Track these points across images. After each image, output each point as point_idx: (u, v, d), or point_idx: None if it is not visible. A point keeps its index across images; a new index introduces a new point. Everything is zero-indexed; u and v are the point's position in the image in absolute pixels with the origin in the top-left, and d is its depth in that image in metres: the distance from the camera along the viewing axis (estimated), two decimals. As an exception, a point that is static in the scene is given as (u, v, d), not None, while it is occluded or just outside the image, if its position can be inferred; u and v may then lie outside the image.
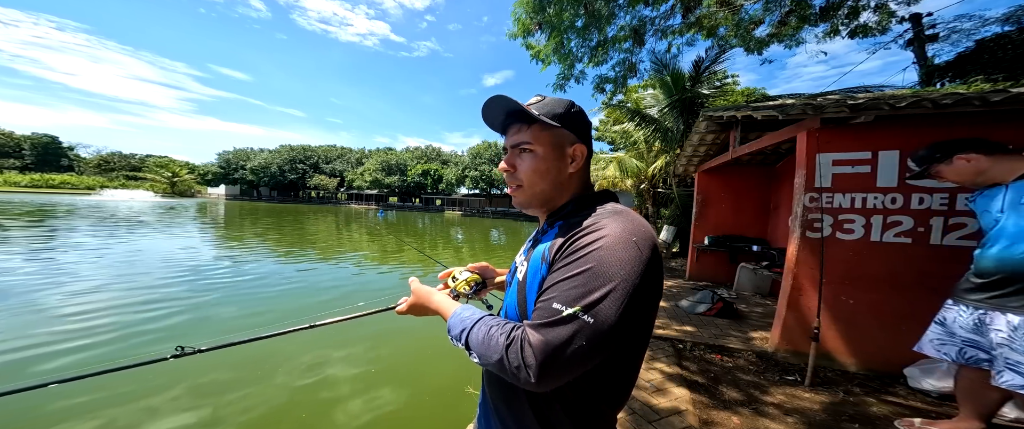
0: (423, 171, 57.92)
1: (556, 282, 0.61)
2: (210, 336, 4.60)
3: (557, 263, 0.64)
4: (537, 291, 0.67)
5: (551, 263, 0.66)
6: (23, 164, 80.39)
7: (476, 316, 0.70)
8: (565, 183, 0.77)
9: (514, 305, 0.76)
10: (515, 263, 0.87)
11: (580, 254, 0.61)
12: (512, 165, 0.78)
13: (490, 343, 0.62)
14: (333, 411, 3.13)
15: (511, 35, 6.10)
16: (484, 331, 0.64)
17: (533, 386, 0.56)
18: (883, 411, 2.28)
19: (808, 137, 2.92)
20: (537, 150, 0.74)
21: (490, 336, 0.63)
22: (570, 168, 0.76)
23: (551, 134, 0.74)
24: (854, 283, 2.82)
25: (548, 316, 0.58)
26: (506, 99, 0.73)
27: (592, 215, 0.68)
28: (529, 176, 0.76)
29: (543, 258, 0.69)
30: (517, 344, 0.58)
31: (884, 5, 6.05)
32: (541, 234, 0.80)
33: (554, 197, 0.78)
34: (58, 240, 10.92)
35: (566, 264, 0.62)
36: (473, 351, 0.65)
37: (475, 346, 0.65)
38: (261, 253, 10.62)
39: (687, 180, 9.66)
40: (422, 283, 0.96)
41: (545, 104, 0.75)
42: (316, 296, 6.58)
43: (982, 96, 2.38)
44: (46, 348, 3.97)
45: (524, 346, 0.57)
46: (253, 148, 77.63)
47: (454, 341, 0.71)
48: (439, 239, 19.02)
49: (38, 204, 27.57)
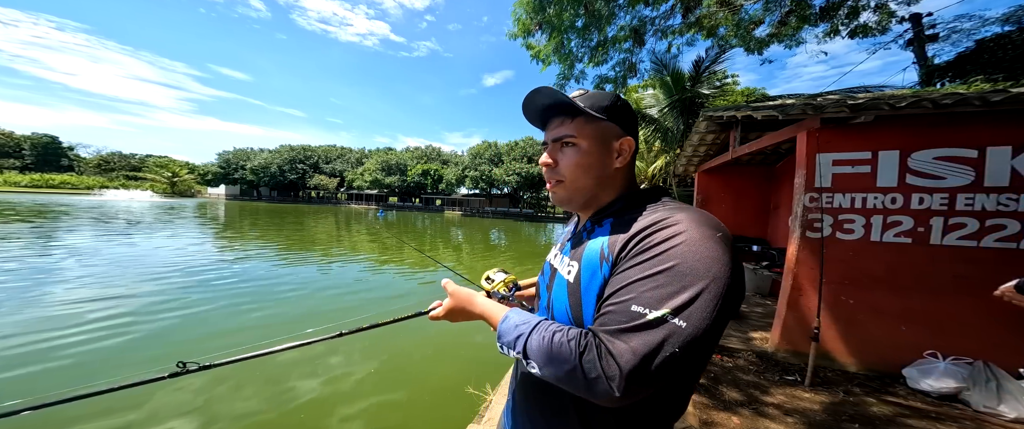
0: (423, 171, 57.92)
1: (631, 282, 0.55)
2: (211, 341, 4.60)
3: (625, 262, 0.58)
4: (598, 293, 0.62)
5: (615, 262, 0.60)
6: (23, 164, 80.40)
7: (532, 321, 0.64)
8: (610, 178, 0.72)
9: (565, 309, 0.69)
10: (551, 265, 0.83)
11: (658, 250, 0.55)
12: (553, 159, 0.74)
13: (558, 351, 0.55)
14: (333, 411, 3.13)
15: (511, 35, 6.10)
16: (548, 338, 0.58)
17: (615, 400, 0.50)
18: (883, 411, 2.28)
19: (808, 137, 2.92)
20: (581, 144, 0.70)
21: (557, 344, 0.56)
22: (616, 163, 0.71)
23: (596, 127, 0.70)
24: (854, 283, 2.82)
25: (628, 320, 0.52)
26: (550, 91, 0.69)
27: (656, 210, 0.63)
28: (572, 171, 0.71)
29: (602, 256, 0.63)
30: (594, 353, 0.52)
31: (884, 5, 6.04)
32: (585, 232, 0.74)
33: (598, 193, 0.73)
34: (67, 241, 10.92)
35: (640, 262, 0.56)
36: (532, 360, 0.59)
37: (536, 355, 0.58)
38: (266, 254, 10.62)
39: (687, 180, 9.66)
40: None
41: (590, 97, 0.71)
42: (324, 301, 6.57)
43: (982, 96, 2.38)
44: (47, 359, 3.97)
45: (603, 355, 0.51)
46: (253, 148, 77.63)
47: (505, 349, 0.64)
48: (439, 239, 19.03)
49: (38, 204, 27.55)
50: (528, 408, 0.75)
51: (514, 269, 1.13)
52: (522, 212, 46.58)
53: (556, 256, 0.83)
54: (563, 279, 0.72)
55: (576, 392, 0.54)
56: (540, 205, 49.85)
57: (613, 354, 0.50)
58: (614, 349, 0.51)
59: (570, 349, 0.54)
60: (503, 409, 0.96)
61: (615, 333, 0.52)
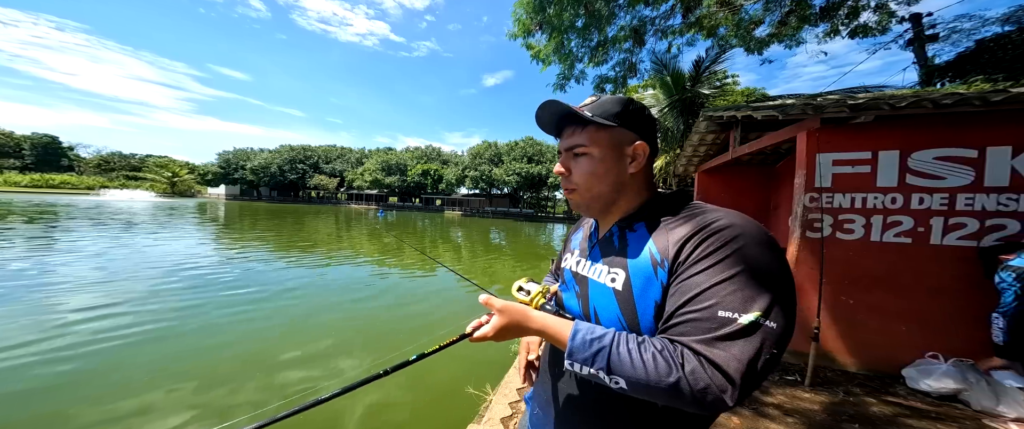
0: (423, 171, 57.92)
1: (709, 287, 0.54)
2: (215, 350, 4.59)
3: (690, 266, 0.57)
4: (659, 299, 0.61)
5: (673, 267, 0.60)
6: (23, 164, 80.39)
7: (607, 334, 0.60)
8: (626, 184, 0.73)
9: (617, 317, 0.67)
10: (577, 273, 0.81)
11: (725, 253, 0.55)
12: (567, 168, 0.75)
13: (655, 366, 0.53)
14: (333, 411, 3.13)
15: (511, 35, 6.10)
16: (636, 352, 0.55)
17: (724, 408, 0.50)
18: (883, 411, 2.28)
19: (808, 137, 2.92)
20: (593, 152, 0.71)
21: (651, 358, 0.54)
22: (631, 168, 0.71)
23: (607, 135, 0.70)
24: (854, 283, 2.82)
25: (719, 326, 0.52)
26: (557, 103, 0.71)
27: (698, 212, 0.64)
28: (585, 180, 0.72)
29: (654, 262, 0.63)
30: (694, 363, 0.51)
31: (884, 5, 6.05)
32: (614, 238, 0.74)
33: (616, 199, 0.74)
34: (81, 242, 10.92)
35: (710, 266, 0.55)
36: (617, 375, 0.56)
37: (624, 370, 0.55)
38: (269, 254, 10.62)
39: (687, 180, 9.66)
40: None
41: (600, 104, 0.71)
42: (332, 308, 6.57)
43: (982, 96, 2.38)
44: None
45: (706, 366, 0.50)
46: (253, 148, 77.62)
47: (579, 366, 0.60)
48: (439, 239, 19.02)
49: (34, 205, 27.54)
50: (578, 419, 0.74)
51: (515, 269, 1.12)
52: (522, 212, 46.59)
53: (581, 264, 0.81)
54: (606, 287, 0.70)
55: (677, 404, 0.53)
56: (540, 205, 49.87)
57: (717, 363, 0.50)
58: (716, 358, 0.51)
59: (669, 362, 0.52)
60: (526, 421, 0.93)
61: (710, 342, 0.52)
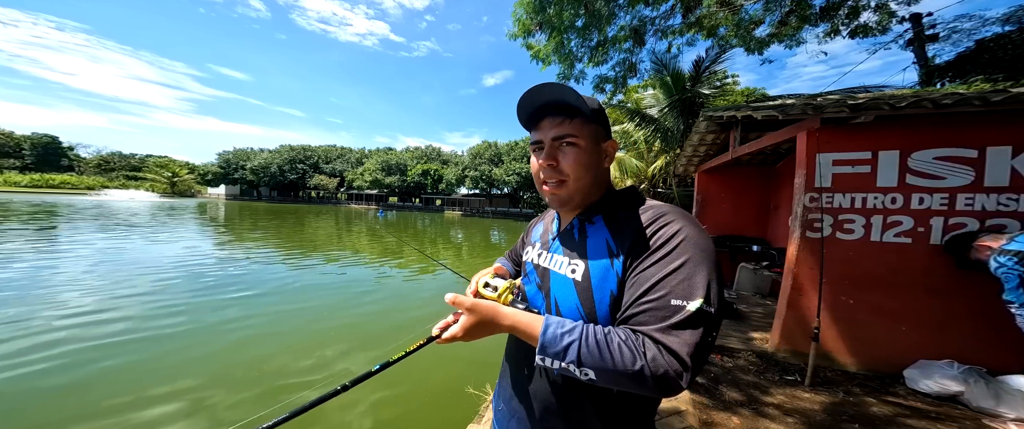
0: (423, 171, 57.91)
1: (661, 278, 0.59)
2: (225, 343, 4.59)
3: (644, 259, 0.62)
4: (615, 289, 0.65)
5: (634, 257, 0.64)
6: (23, 164, 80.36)
7: (576, 327, 0.63)
8: (601, 177, 0.77)
9: (576, 307, 0.70)
10: (538, 265, 0.83)
11: (672, 246, 0.61)
12: (554, 159, 0.72)
13: (620, 356, 0.56)
14: (332, 413, 3.13)
15: (511, 35, 6.10)
16: (603, 343, 0.58)
17: (679, 391, 0.54)
18: (883, 411, 2.28)
19: (808, 137, 2.92)
20: (581, 143, 0.71)
21: (616, 348, 0.57)
22: (605, 162, 0.76)
23: (592, 128, 0.72)
24: (854, 283, 2.82)
25: (672, 314, 0.56)
26: (561, 87, 0.68)
27: (649, 208, 0.69)
28: (576, 169, 0.72)
29: (611, 253, 0.67)
30: (655, 350, 0.55)
31: (884, 5, 6.05)
32: (574, 230, 0.77)
33: (594, 191, 0.76)
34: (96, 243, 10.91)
35: (660, 258, 0.60)
36: (587, 367, 0.58)
37: (594, 361, 0.57)
38: (273, 254, 10.62)
39: (687, 180, 9.66)
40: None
41: (584, 99, 0.73)
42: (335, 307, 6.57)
43: (982, 96, 2.38)
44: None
45: (664, 352, 0.54)
46: (253, 148, 77.61)
47: (550, 359, 0.61)
48: (440, 239, 19.02)
49: (33, 205, 27.54)
50: (544, 410, 0.75)
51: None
52: (522, 212, 46.58)
53: (542, 255, 0.83)
54: (566, 278, 0.73)
55: (638, 391, 0.57)
56: (540, 205, 49.78)
57: (673, 350, 0.54)
58: (672, 344, 0.55)
59: (632, 351, 0.56)
60: (494, 420, 0.93)
61: (665, 329, 0.56)
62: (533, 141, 0.76)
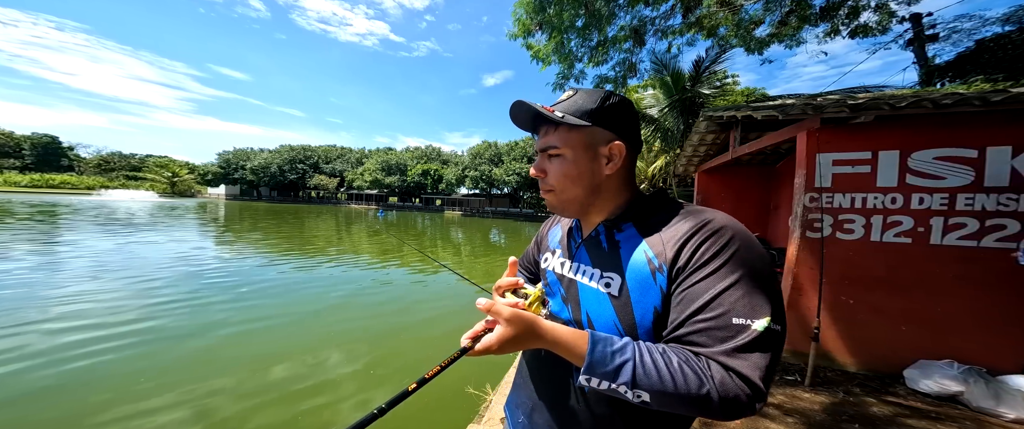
0: (423, 171, 57.92)
1: (718, 293, 0.54)
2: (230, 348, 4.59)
3: (692, 272, 0.57)
4: (656, 305, 0.61)
5: (681, 269, 0.59)
6: (23, 164, 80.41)
7: (627, 346, 0.57)
8: (603, 185, 0.70)
9: (613, 322, 0.66)
10: (562, 276, 0.78)
11: (723, 257, 0.56)
12: (542, 170, 0.72)
13: (683, 379, 0.52)
14: (332, 413, 3.13)
15: (511, 35, 6.10)
16: (661, 364, 0.54)
17: (751, 415, 0.51)
18: (883, 411, 2.28)
19: (808, 137, 2.92)
20: (566, 154, 0.68)
21: (678, 370, 0.52)
22: (607, 169, 0.69)
23: (581, 135, 0.67)
24: (854, 283, 2.82)
25: (737, 334, 0.52)
26: (526, 104, 0.68)
27: (693, 212, 0.64)
28: (560, 181, 0.70)
29: (653, 267, 0.62)
30: (722, 375, 0.51)
31: (884, 5, 6.05)
32: (602, 239, 0.73)
33: (593, 201, 0.72)
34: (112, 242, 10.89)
35: (712, 271, 0.56)
36: (643, 389, 0.53)
37: (649, 384, 0.53)
38: (274, 255, 10.62)
39: (687, 180, 9.66)
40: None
41: (573, 102, 0.68)
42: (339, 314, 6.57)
43: (982, 96, 2.38)
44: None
45: (734, 376, 0.51)
46: (253, 148, 77.65)
47: (598, 380, 0.56)
48: (440, 239, 19.02)
49: (35, 204, 27.53)
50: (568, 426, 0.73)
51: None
52: (522, 212, 46.57)
53: (566, 265, 0.79)
54: (600, 292, 0.68)
55: (703, 415, 0.53)
56: (540, 205, 49.69)
57: (743, 373, 0.51)
58: (741, 368, 0.51)
59: (697, 374, 0.52)
60: (511, 417, 0.89)
61: (732, 352, 0.52)
62: (535, 150, 0.77)
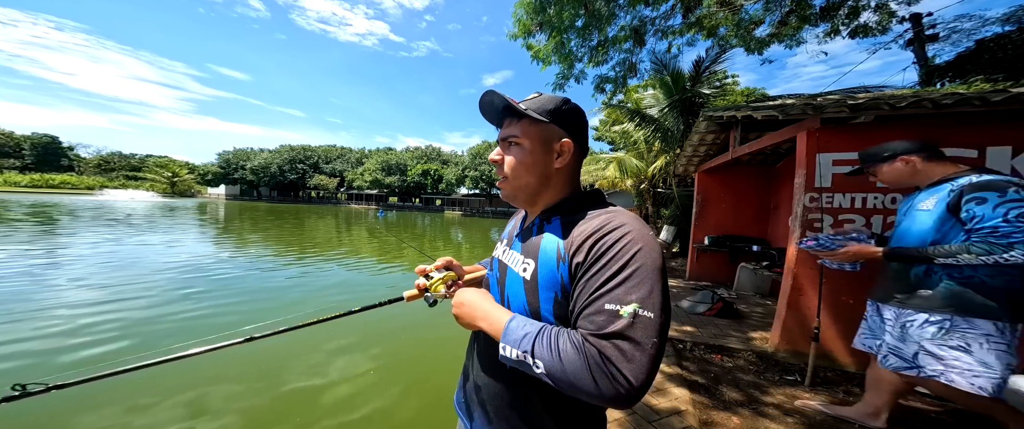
0: (423, 171, 57.95)
1: (600, 283, 0.59)
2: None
3: (588, 266, 0.62)
4: (558, 292, 0.67)
5: (579, 264, 0.64)
6: (23, 164, 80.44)
7: (541, 325, 0.64)
8: (551, 178, 0.77)
9: (523, 305, 0.73)
10: (500, 261, 0.86)
11: (612, 252, 0.61)
12: (501, 157, 0.79)
13: (565, 352, 0.57)
14: (330, 411, 3.13)
15: (512, 36, 6.11)
16: (556, 339, 0.59)
17: (621, 401, 0.53)
18: (883, 411, 2.28)
19: (808, 137, 2.92)
20: (524, 143, 0.75)
21: (565, 345, 0.58)
22: (557, 163, 0.76)
23: (539, 129, 0.75)
24: (854, 283, 2.82)
25: (609, 319, 0.56)
26: (495, 94, 0.76)
27: (604, 213, 0.69)
28: (514, 168, 0.77)
29: (558, 256, 0.68)
30: (596, 353, 0.55)
31: (884, 5, 6.05)
32: (535, 228, 0.79)
33: (540, 191, 0.78)
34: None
35: (602, 265, 0.61)
36: (539, 359, 0.59)
37: (543, 355, 0.59)
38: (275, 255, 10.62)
39: (687, 180, 9.67)
40: None
41: (538, 100, 0.76)
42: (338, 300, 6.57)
43: (982, 96, 2.38)
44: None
45: (604, 359, 0.54)
46: (253, 148, 77.67)
47: (509, 348, 0.63)
48: (439, 239, 19.03)
49: (35, 204, 27.52)
50: (503, 410, 0.77)
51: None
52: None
53: (505, 252, 0.86)
54: (518, 276, 0.75)
55: (586, 396, 0.55)
56: (540, 205, 49.78)
57: (608, 357, 0.55)
58: (604, 349, 0.55)
59: (577, 351, 0.56)
60: (455, 397, 0.97)
61: (604, 336, 0.56)
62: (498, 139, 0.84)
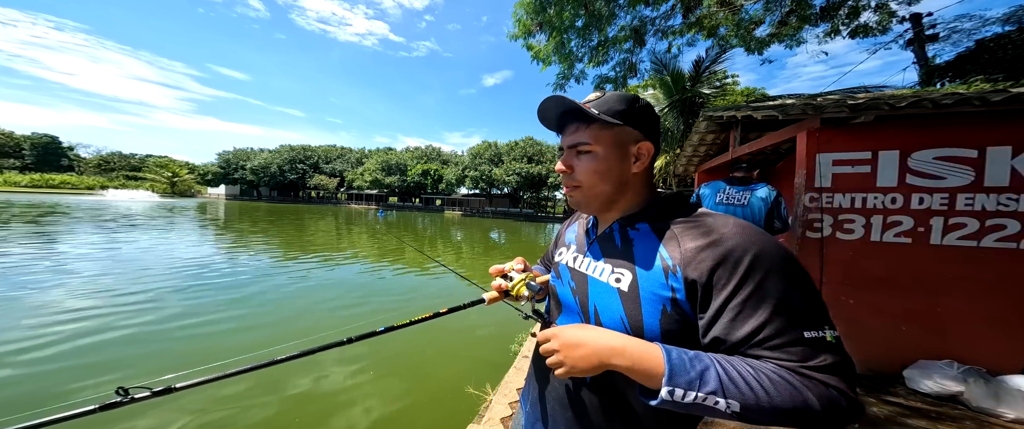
0: (423, 171, 57.92)
1: (781, 306, 0.54)
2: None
3: (741, 283, 0.55)
4: (667, 305, 0.62)
5: (692, 274, 0.59)
6: (23, 164, 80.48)
7: (699, 353, 0.56)
8: (628, 183, 0.72)
9: (619, 318, 0.67)
10: (573, 268, 0.81)
11: (771, 268, 0.56)
12: (569, 166, 0.74)
13: (776, 390, 0.51)
14: (332, 412, 3.13)
15: (512, 36, 6.11)
16: (750, 374, 0.52)
17: (851, 421, 0.53)
18: (883, 411, 2.28)
19: (808, 137, 2.92)
20: (597, 150, 0.70)
21: (768, 381, 0.52)
22: (634, 167, 0.71)
23: (612, 133, 0.69)
24: (854, 283, 2.82)
25: (816, 347, 0.54)
26: (563, 99, 0.70)
27: (708, 217, 0.65)
28: (588, 177, 0.72)
29: (667, 268, 0.62)
30: (818, 387, 0.52)
31: (884, 5, 6.05)
32: (616, 236, 0.75)
33: (616, 198, 0.74)
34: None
35: (760, 284, 0.55)
36: (733, 398, 0.51)
37: (741, 392, 0.51)
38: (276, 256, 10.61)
39: (687, 180, 9.66)
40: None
41: (605, 101, 0.70)
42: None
43: (982, 96, 2.38)
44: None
45: (825, 386, 0.52)
46: (253, 148, 77.66)
47: (681, 392, 0.53)
48: (439, 239, 19.03)
49: (35, 204, 27.50)
50: (569, 422, 0.75)
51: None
52: (522, 212, 46.58)
53: (578, 260, 0.81)
54: (609, 287, 0.70)
55: (802, 426, 0.52)
56: (540, 205, 49.85)
57: (834, 384, 0.53)
58: (833, 381, 0.53)
59: (792, 386, 0.52)
60: (521, 419, 0.93)
61: (826, 367, 0.54)
62: (559, 146, 0.78)
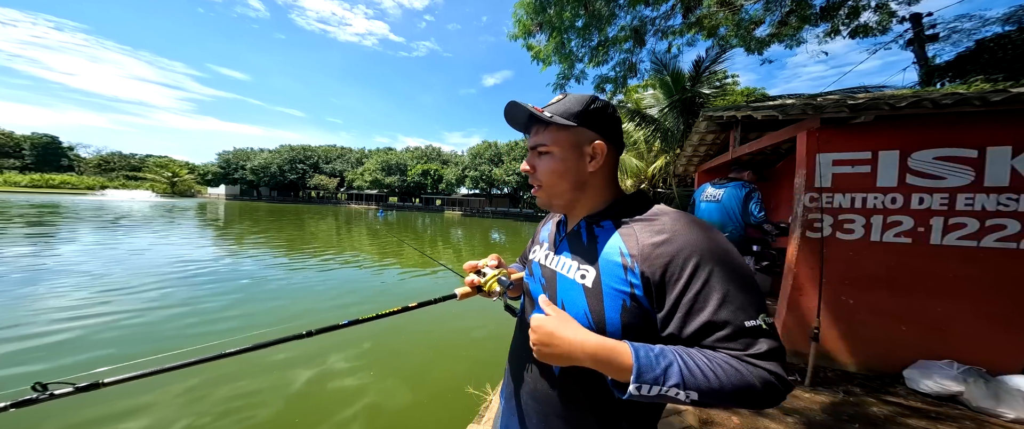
0: (423, 171, 57.92)
1: (726, 299, 0.58)
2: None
3: (691, 277, 0.59)
4: (626, 299, 0.65)
5: (647, 270, 0.63)
6: (23, 164, 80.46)
7: (666, 349, 0.59)
8: (587, 182, 0.76)
9: (584, 312, 0.70)
10: (544, 266, 0.84)
11: (710, 267, 0.60)
12: (532, 166, 0.78)
13: (727, 377, 0.55)
14: (332, 411, 3.13)
15: (512, 36, 6.10)
16: (703, 363, 0.56)
17: (784, 398, 0.57)
18: (883, 411, 2.28)
19: (808, 137, 2.92)
20: (554, 151, 0.74)
21: (720, 369, 0.55)
22: (590, 166, 0.74)
23: (568, 134, 0.73)
24: (854, 283, 2.82)
25: (754, 336, 0.58)
26: (518, 105, 0.74)
27: (662, 215, 0.69)
28: (548, 177, 0.76)
29: (625, 265, 0.66)
30: (764, 371, 0.56)
31: (884, 5, 6.05)
32: (582, 233, 0.77)
33: (577, 196, 0.77)
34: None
35: (706, 281, 0.59)
36: (693, 389, 0.55)
37: (698, 383, 0.55)
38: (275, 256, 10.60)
39: (687, 180, 9.67)
40: None
41: (563, 103, 0.74)
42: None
43: (982, 96, 2.38)
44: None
45: (769, 371, 0.56)
46: (253, 148, 77.63)
47: (648, 387, 0.55)
48: (439, 239, 19.02)
49: (37, 204, 27.49)
50: (546, 411, 0.77)
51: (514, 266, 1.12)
52: (522, 212, 46.55)
53: (549, 257, 0.84)
54: (575, 283, 0.73)
55: (748, 406, 0.57)
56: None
57: (769, 365, 0.57)
58: (764, 364, 0.57)
59: (738, 371, 0.55)
60: (499, 417, 0.95)
61: (758, 354, 0.57)
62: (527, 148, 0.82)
